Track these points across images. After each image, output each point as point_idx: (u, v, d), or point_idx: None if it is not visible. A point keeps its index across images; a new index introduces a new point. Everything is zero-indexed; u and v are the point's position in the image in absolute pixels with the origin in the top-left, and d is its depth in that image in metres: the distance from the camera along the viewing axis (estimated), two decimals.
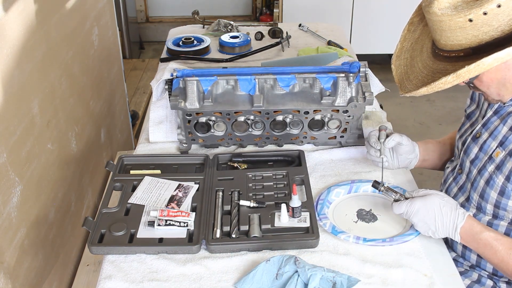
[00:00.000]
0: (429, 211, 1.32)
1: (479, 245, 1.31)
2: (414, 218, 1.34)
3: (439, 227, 1.32)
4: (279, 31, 2.55)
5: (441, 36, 1.24)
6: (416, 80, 1.34)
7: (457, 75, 1.19)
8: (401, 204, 1.35)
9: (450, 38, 1.22)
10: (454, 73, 1.19)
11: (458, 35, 1.20)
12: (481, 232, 1.30)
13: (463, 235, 1.31)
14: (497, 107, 1.40)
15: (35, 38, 1.77)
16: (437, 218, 1.32)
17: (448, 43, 1.24)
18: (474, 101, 1.55)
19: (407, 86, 1.35)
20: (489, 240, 1.29)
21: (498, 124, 1.38)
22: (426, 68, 1.33)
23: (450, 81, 1.21)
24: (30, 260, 1.70)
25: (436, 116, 3.92)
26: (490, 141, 1.39)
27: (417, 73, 1.35)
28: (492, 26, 1.17)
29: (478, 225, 1.31)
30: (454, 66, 1.23)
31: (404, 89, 1.35)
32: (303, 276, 1.22)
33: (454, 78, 1.20)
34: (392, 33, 4.54)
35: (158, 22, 5.32)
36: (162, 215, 1.40)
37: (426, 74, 1.31)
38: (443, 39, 1.24)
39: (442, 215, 1.31)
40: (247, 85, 1.67)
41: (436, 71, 1.28)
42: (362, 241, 1.37)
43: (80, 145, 2.21)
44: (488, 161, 1.38)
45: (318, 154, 1.72)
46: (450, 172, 1.55)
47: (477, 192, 1.40)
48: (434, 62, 1.31)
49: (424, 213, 1.32)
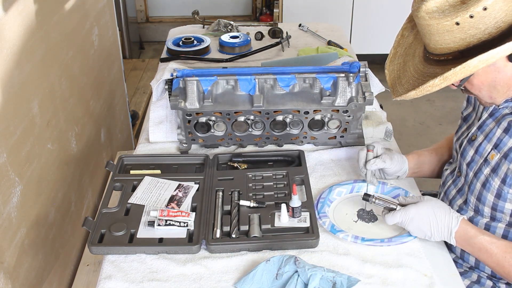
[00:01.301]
0: (423, 218, 1.33)
1: (474, 249, 1.32)
2: (410, 227, 1.35)
3: (434, 232, 1.33)
4: (279, 31, 2.55)
5: (430, 39, 1.25)
6: (407, 84, 1.35)
7: (444, 78, 1.20)
8: (395, 214, 1.36)
9: (439, 41, 1.23)
10: (441, 76, 1.20)
11: (446, 39, 1.21)
12: (476, 237, 1.31)
13: (458, 239, 1.32)
14: (492, 110, 1.40)
15: (35, 38, 1.77)
16: (432, 224, 1.33)
17: (437, 47, 1.25)
18: (471, 104, 1.55)
19: (398, 90, 1.37)
20: (484, 244, 1.30)
21: (493, 126, 1.38)
22: (417, 72, 1.34)
23: (438, 83, 1.22)
24: (30, 260, 1.70)
25: (436, 116, 3.92)
26: (485, 144, 1.39)
27: (409, 77, 1.37)
28: (479, 29, 1.17)
29: (473, 229, 1.32)
30: (443, 69, 1.24)
31: (396, 93, 1.37)
32: (303, 276, 1.22)
33: (441, 80, 1.21)
34: (392, 33, 4.53)
35: (158, 22, 5.32)
36: (162, 215, 1.40)
37: (417, 78, 1.33)
38: (432, 43, 1.25)
39: (437, 220, 1.32)
40: (247, 85, 1.67)
41: (426, 75, 1.30)
42: (361, 240, 1.37)
43: (80, 145, 2.21)
44: (484, 163, 1.38)
45: (318, 154, 1.72)
46: (449, 175, 1.55)
47: (474, 195, 1.40)
48: (425, 66, 1.32)
49: (418, 220, 1.34)
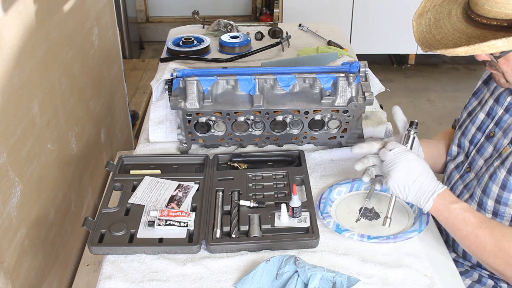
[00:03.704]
0: (413, 169, 1.29)
1: (451, 215, 1.27)
2: (395, 167, 1.30)
3: (416, 187, 1.28)
4: (279, 31, 2.55)
5: (487, 0, 1.16)
6: (446, 40, 1.24)
7: (509, 41, 1.11)
8: (385, 151, 1.32)
9: (499, 4, 1.15)
10: (507, 38, 1.11)
11: (510, 3, 1.13)
12: (457, 201, 1.28)
13: (437, 203, 1.28)
14: (507, 105, 1.40)
15: (35, 38, 1.77)
16: (420, 177, 1.29)
17: (494, 10, 1.15)
18: (477, 98, 1.55)
19: (433, 45, 1.25)
20: (465, 207, 1.27)
21: (511, 122, 1.38)
22: (458, 32, 1.23)
23: (499, 45, 1.13)
24: (30, 260, 1.70)
25: (436, 116, 3.92)
26: (503, 139, 1.39)
27: (446, 34, 1.26)
28: None
29: (454, 197, 1.30)
30: (494, 35, 1.16)
31: (429, 47, 1.24)
32: (303, 276, 1.23)
33: (505, 43, 1.12)
34: (392, 33, 4.56)
35: (158, 22, 5.32)
36: (162, 215, 1.40)
37: (459, 37, 1.22)
38: (489, 4, 1.16)
39: (425, 177, 1.29)
40: (247, 85, 1.67)
41: (472, 36, 1.20)
42: (367, 239, 1.37)
43: (80, 145, 2.21)
44: (497, 157, 1.38)
45: (318, 154, 1.72)
46: (454, 170, 1.54)
47: (481, 187, 1.40)
48: (468, 27, 1.22)
49: (407, 168, 1.29)
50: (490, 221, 1.28)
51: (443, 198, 1.29)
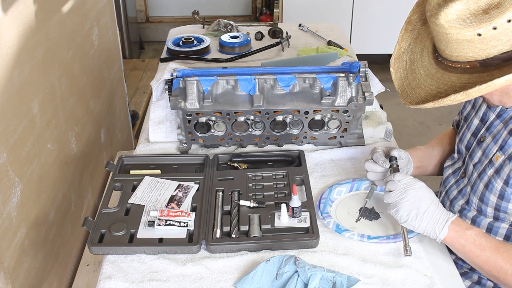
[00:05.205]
0: (424, 198, 1.29)
1: (467, 241, 1.27)
2: (405, 196, 1.30)
3: (429, 213, 1.28)
4: (279, 31, 2.55)
5: (446, 47, 1.20)
6: (419, 89, 1.30)
7: (467, 94, 1.15)
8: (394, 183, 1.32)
9: (456, 50, 1.18)
10: (463, 92, 1.15)
11: (465, 48, 1.17)
12: (471, 228, 1.28)
13: (451, 230, 1.28)
14: (499, 111, 1.39)
15: (35, 38, 1.77)
16: (430, 206, 1.29)
17: (454, 55, 1.20)
18: (470, 102, 1.55)
19: (409, 95, 1.31)
20: (479, 233, 1.27)
21: (501, 128, 1.37)
22: (429, 77, 1.29)
23: (460, 98, 1.17)
24: (30, 260, 1.70)
25: (436, 116, 3.92)
26: (492, 145, 1.38)
27: (420, 80, 1.31)
28: (501, 40, 1.13)
29: (466, 223, 1.30)
30: (459, 78, 1.20)
31: (407, 99, 1.31)
32: (303, 276, 1.22)
33: (463, 96, 1.16)
34: (392, 33, 4.55)
35: (158, 22, 5.32)
36: (162, 215, 1.40)
37: (430, 83, 1.28)
38: (448, 50, 1.20)
39: (436, 206, 1.29)
40: (247, 85, 1.67)
41: (441, 82, 1.25)
42: (367, 239, 1.37)
43: (80, 145, 2.21)
44: (488, 164, 1.37)
45: (318, 154, 1.72)
46: (451, 175, 1.54)
47: (477, 195, 1.40)
48: (438, 71, 1.27)
49: (416, 197, 1.29)
50: (505, 244, 1.28)
51: (458, 225, 1.28)
